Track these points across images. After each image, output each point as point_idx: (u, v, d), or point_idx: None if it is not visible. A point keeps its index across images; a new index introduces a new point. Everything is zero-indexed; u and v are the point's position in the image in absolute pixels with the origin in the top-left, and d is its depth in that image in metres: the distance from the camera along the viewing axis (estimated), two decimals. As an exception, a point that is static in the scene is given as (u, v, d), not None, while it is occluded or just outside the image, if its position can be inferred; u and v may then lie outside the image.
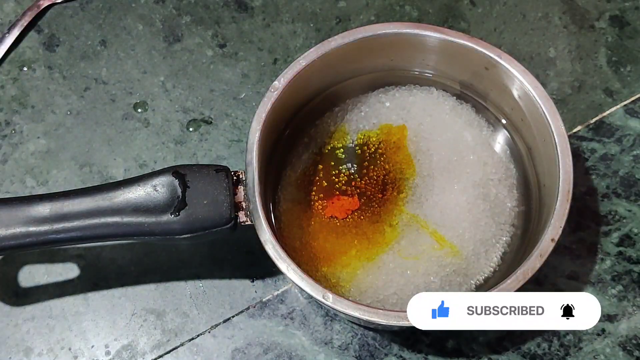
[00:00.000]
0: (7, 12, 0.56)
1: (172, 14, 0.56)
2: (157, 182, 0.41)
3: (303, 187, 0.47)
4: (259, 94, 0.53)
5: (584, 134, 0.52)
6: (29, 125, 0.52)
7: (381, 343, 0.46)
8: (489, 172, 0.47)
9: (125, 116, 0.53)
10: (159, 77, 0.54)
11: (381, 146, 0.48)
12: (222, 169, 0.42)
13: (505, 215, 0.46)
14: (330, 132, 0.48)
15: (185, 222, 0.41)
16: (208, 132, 0.52)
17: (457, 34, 0.45)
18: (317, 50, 0.45)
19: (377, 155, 0.47)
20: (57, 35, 0.55)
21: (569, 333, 0.46)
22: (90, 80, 0.54)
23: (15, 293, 0.48)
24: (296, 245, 0.45)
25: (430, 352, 0.46)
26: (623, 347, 0.46)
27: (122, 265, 0.49)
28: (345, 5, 0.56)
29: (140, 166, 0.51)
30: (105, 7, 0.56)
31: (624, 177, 0.50)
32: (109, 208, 0.41)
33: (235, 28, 0.55)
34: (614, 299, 0.47)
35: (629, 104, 0.52)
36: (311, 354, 0.46)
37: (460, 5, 0.56)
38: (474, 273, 0.45)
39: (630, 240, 0.49)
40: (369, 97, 0.49)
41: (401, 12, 0.56)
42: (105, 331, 0.47)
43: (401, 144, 0.48)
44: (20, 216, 0.40)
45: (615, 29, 0.55)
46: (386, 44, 0.46)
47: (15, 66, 0.54)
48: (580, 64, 0.54)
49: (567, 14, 0.55)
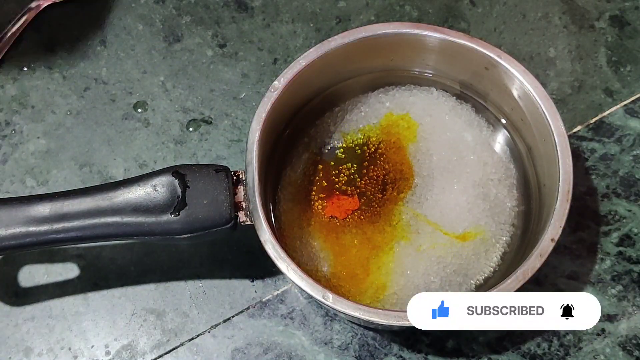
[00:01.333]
0: (7, 12, 0.56)
1: (172, 14, 0.56)
2: (157, 182, 0.41)
3: (303, 187, 0.47)
4: (259, 94, 0.53)
5: (584, 134, 0.52)
6: (29, 125, 0.52)
7: (381, 343, 0.46)
8: (489, 172, 0.47)
9: (125, 116, 0.53)
10: (159, 77, 0.54)
11: (381, 146, 0.48)
12: (222, 168, 0.42)
13: (505, 215, 0.46)
14: (330, 132, 0.48)
15: (185, 222, 0.41)
16: (208, 132, 0.52)
17: (457, 34, 0.45)
18: (317, 50, 0.45)
19: (377, 155, 0.47)
20: (57, 35, 0.55)
21: (568, 333, 0.46)
22: (90, 80, 0.54)
23: (15, 293, 0.48)
24: (296, 245, 0.45)
25: (430, 352, 0.46)
26: (623, 347, 0.46)
27: (122, 265, 0.49)
28: (345, 5, 0.56)
29: (140, 166, 0.51)
30: (105, 7, 0.56)
31: (624, 177, 0.50)
32: (109, 208, 0.41)
33: (235, 28, 0.55)
34: (614, 299, 0.47)
35: (629, 104, 0.52)
36: (311, 354, 0.46)
37: (460, 5, 0.56)
38: (474, 273, 0.45)
39: (630, 240, 0.49)
40: (369, 97, 0.49)
41: (401, 12, 0.56)
42: (105, 331, 0.47)
43: (401, 144, 0.48)
44: (20, 216, 0.40)
45: (615, 29, 0.55)
46: (386, 44, 0.46)
47: (15, 66, 0.54)
48: (580, 64, 0.54)
49: (567, 14, 0.55)
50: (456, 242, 0.45)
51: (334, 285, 0.44)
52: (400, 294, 0.44)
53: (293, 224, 0.46)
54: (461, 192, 0.46)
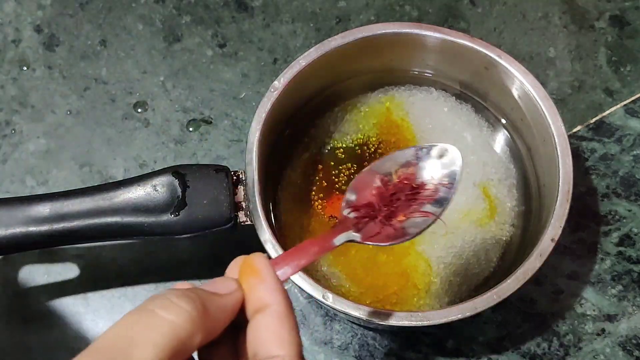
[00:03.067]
0: (7, 12, 0.56)
1: (172, 14, 0.56)
2: (157, 182, 0.41)
3: (303, 187, 0.47)
4: (259, 94, 0.53)
5: (584, 134, 0.52)
6: (29, 125, 0.52)
7: (381, 343, 0.46)
8: (489, 172, 0.47)
9: (125, 116, 0.53)
10: (159, 77, 0.54)
11: (381, 146, 0.48)
12: (222, 168, 0.42)
13: (505, 215, 0.46)
14: (330, 132, 0.48)
15: (185, 222, 0.41)
16: (208, 132, 0.52)
17: (457, 34, 0.45)
18: (317, 50, 0.45)
19: (377, 155, 0.47)
20: (57, 35, 0.55)
21: (568, 333, 0.46)
22: (90, 80, 0.54)
23: (16, 293, 0.48)
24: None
25: (430, 352, 0.46)
26: (623, 347, 0.46)
27: (122, 265, 0.48)
28: (345, 5, 0.56)
29: (140, 166, 0.51)
30: (105, 7, 0.56)
31: (624, 177, 0.50)
32: (109, 208, 0.40)
33: (235, 28, 0.55)
34: (614, 298, 0.47)
35: (629, 104, 0.52)
36: (311, 354, 0.46)
37: (460, 5, 0.56)
38: (474, 273, 0.44)
39: (630, 240, 0.49)
40: (369, 97, 0.49)
41: (401, 12, 0.56)
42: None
43: (401, 144, 0.47)
44: (20, 216, 0.40)
45: (615, 29, 0.55)
46: (386, 44, 0.46)
47: (15, 66, 0.54)
48: (580, 63, 0.54)
49: (567, 14, 0.55)
50: (456, 242, 0.45)
51: (334, 285, 0.44)
52: (400, 294, 0.44)
53: (293, 224, 0.46)
54: (461, 192, 0.46)
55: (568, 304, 0.47)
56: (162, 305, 0.25)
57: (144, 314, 0.25)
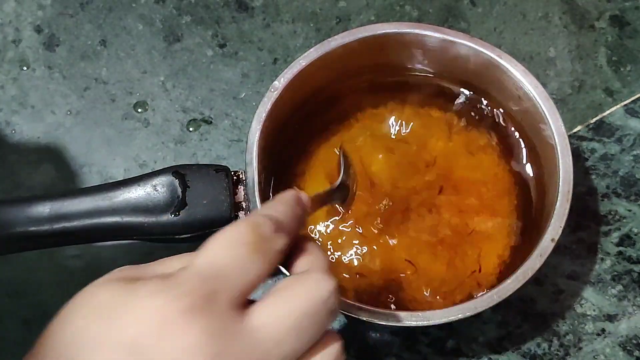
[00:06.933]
0: (7, 12, 0.56)
1: (172, 14, 0.56)
2: (157, 182, 0.41)
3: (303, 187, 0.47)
4: (259, 94, 0.53)
5: (584, 134, 0.52)
6: (29, 125, 0.52)
7: (381, 343, 0.46)
8: (488, 172, 0.46)
9: (125, 116, 0.53)
10: (159, 77, 0.54)
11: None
12: (222, 168, 0.42)
13: (505, 215, 0.46)
14: (330, 133, 0.48)
15: (185, 222, 0.41)
16: (208, 132, 0.52)
17: (457, 34, 0.45)
18: (317, 50, 0.45)
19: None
20: (57, 35, 0.55)
21: (568, 333, 0.46)
22: (90, 80, 0.54)
23: (16, 293, 0.48)
24: (296, 245, 0.45)
25: (430, 352, 0.46)
26: (623, 347, 0.46)
27: (122, 265, 0.48)
28: (345, 5, 0.56)
29: (140, 166, 0.51)
30: (105, 7, 0.56)
31: (624, 177, 0.50)
32: (109, 208, 0.40)
33: (235, 28, 0.55)
34: (614, 298, 0.47)
35: (629, 104, 0.52)
36: (311, 354, 0.46)
37: (460, 5, 0.56)
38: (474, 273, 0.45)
39: (630, 240, 0.49)
40: (369, 97, 0.49)
41: (401, 12, 0.56)
42: (105, 331, 0.47)
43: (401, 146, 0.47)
44: (20, 216, 0.40)
45: (615, 28, 0.55)
46: (386, 44, 0.46)
47: (15, 66, 0.54)
48: (580, 63, 0.54)
49: (567, 14, 0.55)
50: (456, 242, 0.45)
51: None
52: (401, 294, 0.44)
53: (293, 224, 0.46)
54: (461, 192, 0.46)
55: (568, 304, 0.47)
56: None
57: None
